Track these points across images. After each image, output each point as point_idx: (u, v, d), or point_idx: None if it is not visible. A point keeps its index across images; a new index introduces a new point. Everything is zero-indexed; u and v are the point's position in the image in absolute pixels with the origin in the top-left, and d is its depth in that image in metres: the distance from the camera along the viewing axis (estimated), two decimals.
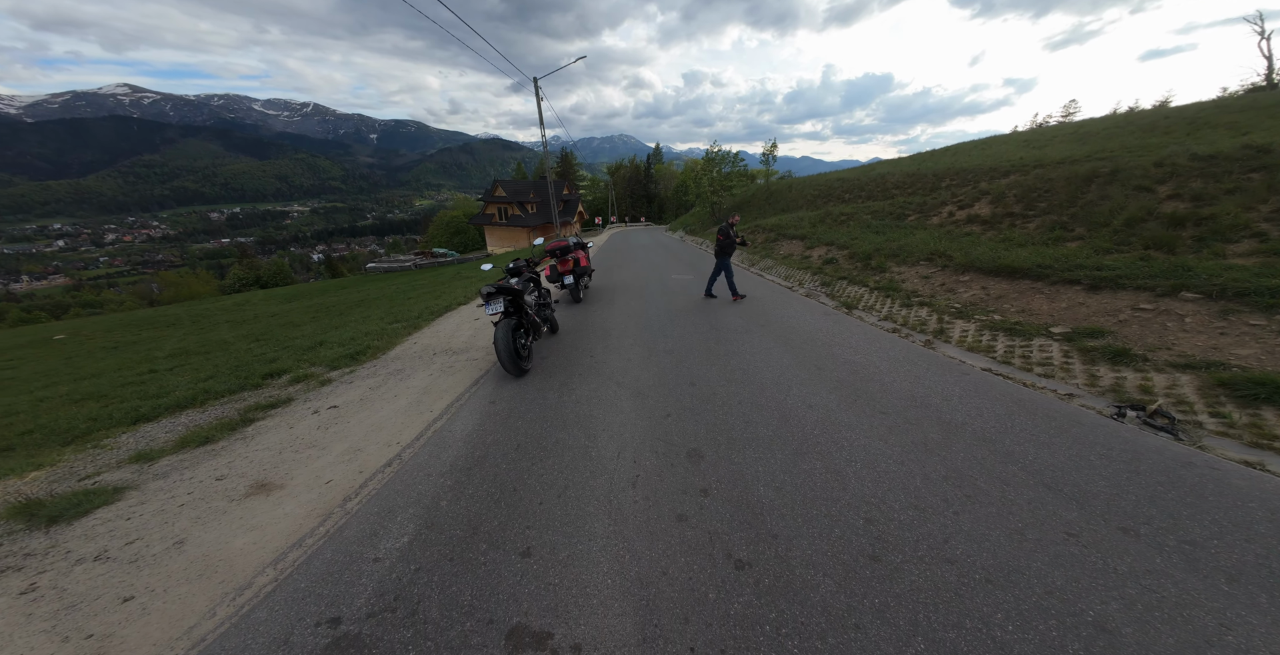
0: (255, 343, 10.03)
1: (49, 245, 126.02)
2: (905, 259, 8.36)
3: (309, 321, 12.60)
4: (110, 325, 18.64)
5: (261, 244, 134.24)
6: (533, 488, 2.82)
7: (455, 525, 2.52)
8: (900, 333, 5.74)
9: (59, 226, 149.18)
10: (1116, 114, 18.27)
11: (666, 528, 2.39)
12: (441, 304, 10.01)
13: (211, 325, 15.20)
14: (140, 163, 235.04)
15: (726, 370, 4.61)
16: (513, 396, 4.27)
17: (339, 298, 19.16)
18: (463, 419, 3.86)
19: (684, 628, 1.84)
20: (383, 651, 1.79)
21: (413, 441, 3.53)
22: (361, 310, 13.02)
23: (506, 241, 39.96)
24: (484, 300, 4.76)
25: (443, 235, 50.56)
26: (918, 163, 17.77)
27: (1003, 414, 3.41)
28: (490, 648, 1.80)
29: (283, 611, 1.99)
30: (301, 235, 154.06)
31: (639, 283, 10.87)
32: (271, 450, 3.60)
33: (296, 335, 9.76)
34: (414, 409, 4.17)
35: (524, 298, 5.11)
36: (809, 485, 2.68)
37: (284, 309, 17.37)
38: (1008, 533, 2.24)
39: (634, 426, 3.52)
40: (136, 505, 2.90)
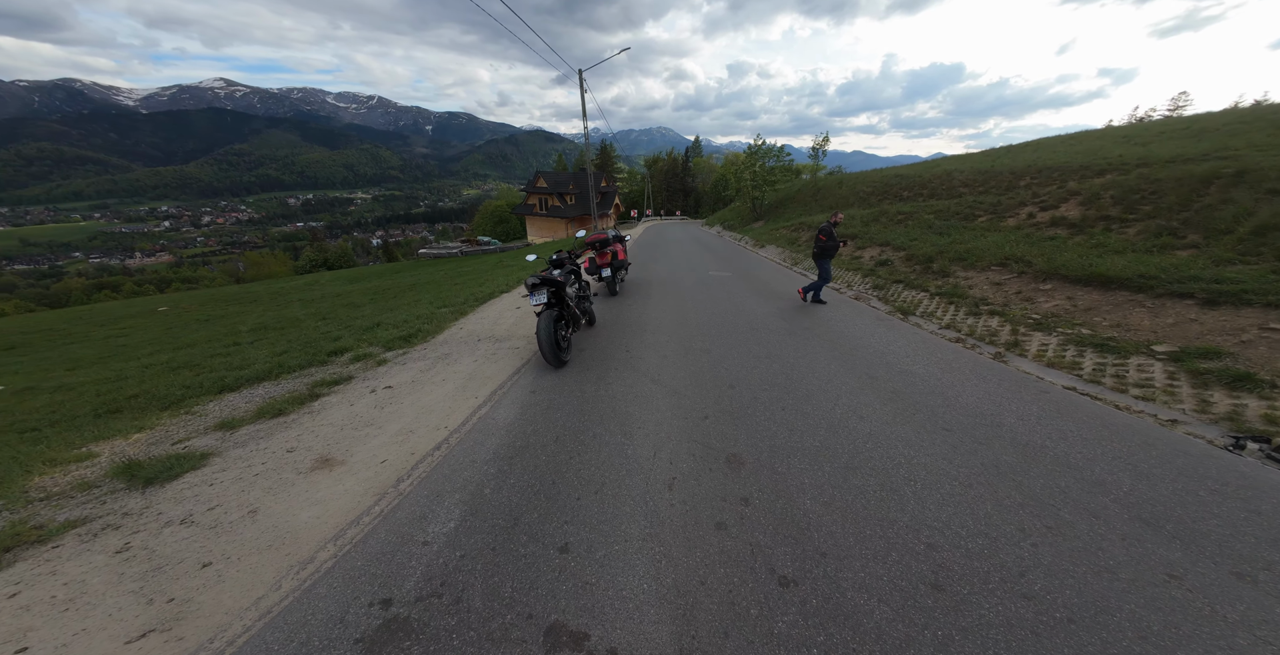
0: (322, 321, 10.59)
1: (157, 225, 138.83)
2: (974, 263, 7.63)
3: (368, 303, 13.19)
4: (204, 299, 20.27)
5: (329, 228, 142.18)
6: (571, 482, 2.77)
7: (498, 514, 2.50)
8: (965, 343, 5.24)
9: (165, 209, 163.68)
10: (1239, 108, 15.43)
11: (705, 536, 2.27)
12: (485, 291, 10.18)
13: (286, 303, 16.21)
14: (231, 151, 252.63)
15: (768, 374, 4.37)
16: (552, 387, 4.24)
17: (393, 281, 19.98)
18: (505, 407, 3.86)
19: (723, 643, 1.73)
20: (429, 637, 1.78)
21: (459, 427, 3.56)
22: (413, 294, 13.49)
23: (545, 232, 40.38)
24: (528, 291, 4.73)
25: (487, 224, 51.67)
26: (991, 159, 16.04)
27: (1091, 438, 3.03)
28: (529, 643, 1.75)
29: (340, 588, 2.03)
30: (363, 221, 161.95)
31: (675, 278, 10.59)
32: (334, 426, 3.73)
33: (357, 315, 10.22)
34: (460, 394, 4.22)
35: (566, 290, 5.04)
36: (861, 502, 2.47)
37: (347, 290, 18.29)
38: (1096, 570, 1.97)
39: (670, 426, 3.40)
40: (219, 472, 3.07)
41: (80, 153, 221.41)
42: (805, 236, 14.49)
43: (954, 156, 21.09)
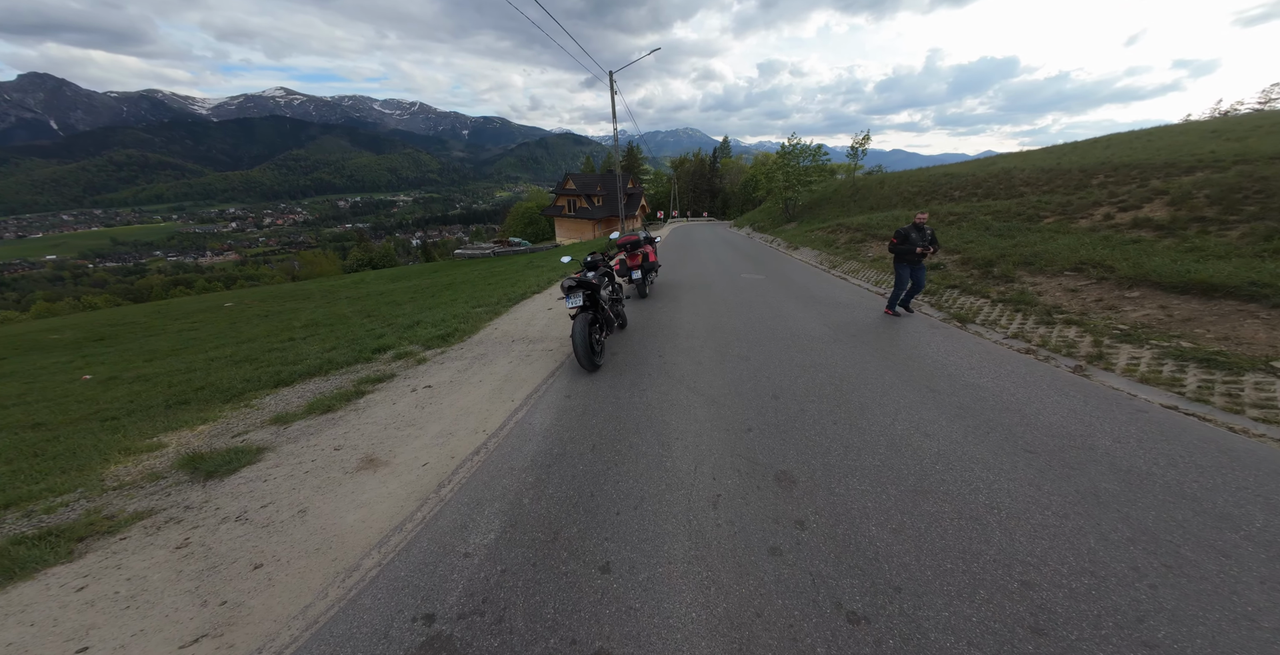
0: (367, 318, 10.92)
1: (226, 226, 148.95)
2: (1043, 267, 6.97)
3: (408, 301, 13.54)
4: (264, 296, 21.42)
5: (374, 229, 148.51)
6: (609, 495, 2.63)
7: (537, 527, 2.39)
8: (1038, 355, 4.76)
9: (233, 210, 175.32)
10: None
11: (757, 561, 2.08)
12: (517, 291, 10.22)
13: (335, 300, 16.89)
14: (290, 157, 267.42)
15: (813, 384, 4.09)
16: (586, 392, 4.12)
17: (432, 280, 20.51)
18: (541, 412, 3.77)
19: None
20: None
21: (497, 431, 3.49)
22: (450, 293, 13.75)
23: (573, 233, 40.67)
24: (564, 293, 4.63)
25: (518, 225, 52.56)
26: (1055, 156, 14.75)
27: (1207, 466, 2.65)
28: None
29: (384, 600, 1.96)
30: (404, 222, 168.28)
31: (705, 280, 10.31)
32: (379, 425, 3.73)
33: (398, 313, 10.47)
34: (497, 396, 4.16)
35: (600, 292, 4.93)
36: (937, 532, 2.21)
37: (389, 288, 18.90)
38: (1233, 617, 1.68)
39: (711, 438, 3.21)
40: (272, 467, 3.10)
41: (162, 158, 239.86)
42: (844, 238, 13.81)
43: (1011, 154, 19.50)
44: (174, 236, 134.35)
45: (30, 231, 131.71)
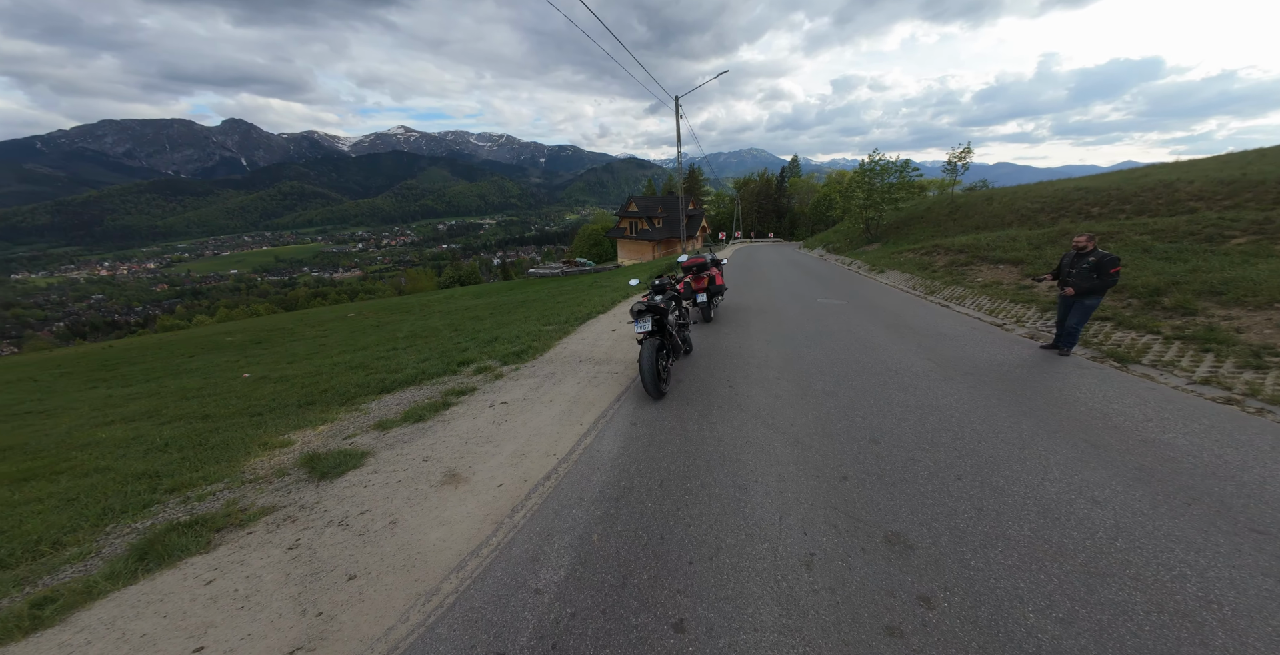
0: (454, 332, 11.82)
1: (354, 246, 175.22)
2: (1240, 298, 5.68)
3: (488, 317, 14.51)
4: (377, 308, 24.38)
5: (464, 250, 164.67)
6: (680, 540, 2.38)
7: (606, 568, 2.21)
8: (1243, 406, 3.79)
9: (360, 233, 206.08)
10: None
11: (872, 642, 1.70)
12: (583, 311, 10.43)
13: (429, 314, 18.66)
14: (404, 186, 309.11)
15: (923, 429, 3.50)
16: (652, 421, 3.93)
17: (509, 297, 21.95)
18: (608, 439, 3.64)
19: None
20: None
21: (566, 455, 3.41)
22: (523, 310, 14.52)
23: (635, 254, 41.56)
24: (633, 317, 4.53)
25: (584, 246, 54.93)
26: (1236, 165, 11.95)
27: None
28: None
29: (459, 632, 1.88)
30: (488, 244, 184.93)
31: (775, 304, 9.72)
32: (461, 438, 3.85)
33: (479, 328, 11.20)
34: (566, 418, 4.12)
35: (668, 317, 4.76)
36: (1127, 627, 1.69)
37: (472, 304, 20.51)
38: None
39: (798, 485, 2.83)
40: (371, 473, 3.29)
41: (314, 189, 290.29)
42: (943, 261, 12.20)
43: (1166, 164, 16.17)
44: (318, 255, 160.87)
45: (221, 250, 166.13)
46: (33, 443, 5.10)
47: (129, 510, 2.83)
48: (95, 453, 4.26)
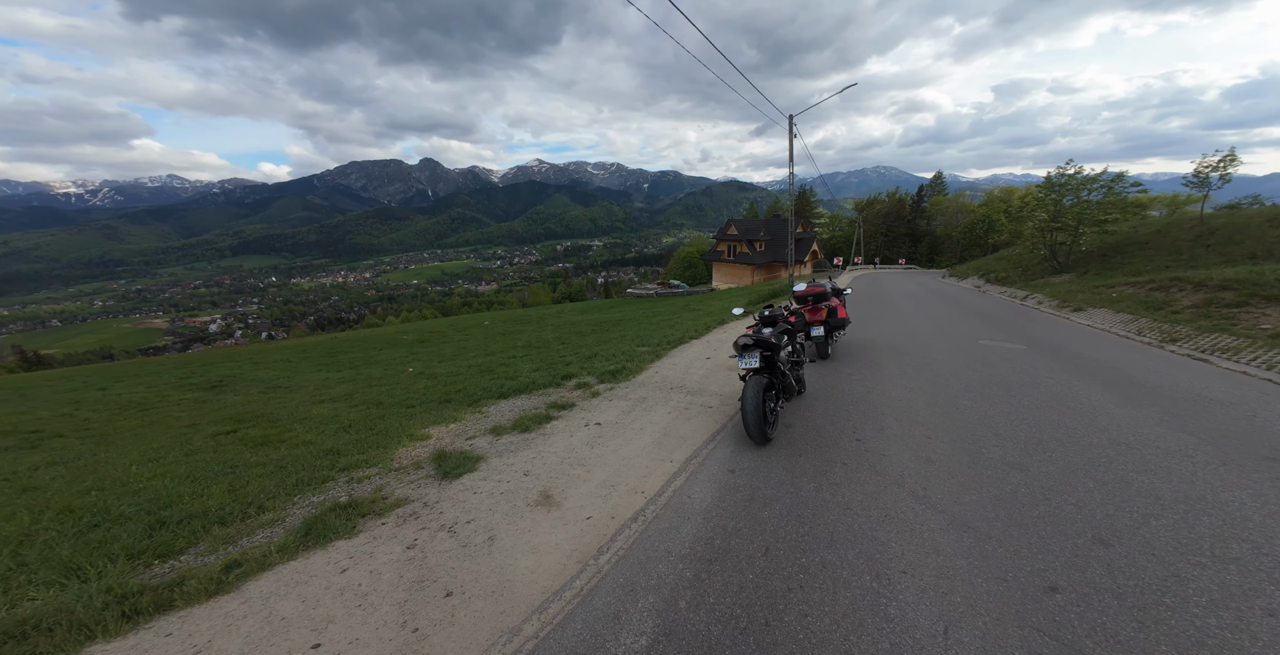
0: (561, 345, 12.67)
1: (494, 263, 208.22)
2: None
3: (590, 332, 15.31)
4: (504, 318, 27.98)
5: (575, 268, 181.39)
6: (793, 633, 1.89)
7: (694, 649, 1.86)
8: None
9: (499, 252, 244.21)
10: None
11: None
12: (675, 335, 10.19)
13: (542, 326, 20.57)
14: (534, 212, 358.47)
15: (1192, 534, 2.39)
16: (754, 470, 3.44)
17: (608, 315, 23.05)
18: (701, 484, 3.27)
19: None
20: None
21: (655, 496, 3.15)
22: (620, 329, 14.96)
23: (731, 277, 40.33)
24: (737, 352, 4.02)
25: (678, 269, 55.38)
26: None
27: None
28: None
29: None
30: (595, 263, 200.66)
31: (916, 343, 8.10)
32: (558, 455, 3.89)
33: (582, 344, 11.81)
34: (656, 451, 3.88)
35: (779, 353, 4.16)
36: None
37: (578, 320, 22.03)
38: None
39: (972, 588, 2.07)
40: (481, 480, 3.49)
41: (471, 214, 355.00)
42: (1190, 300, 8.86)
43: None
44: (469, 269, 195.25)
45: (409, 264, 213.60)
46: (275, 413, 6.78)
47: (312, 484, 3.45)
48: (307, 427, 5.45)
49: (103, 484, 3.76)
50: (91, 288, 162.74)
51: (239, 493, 3.27)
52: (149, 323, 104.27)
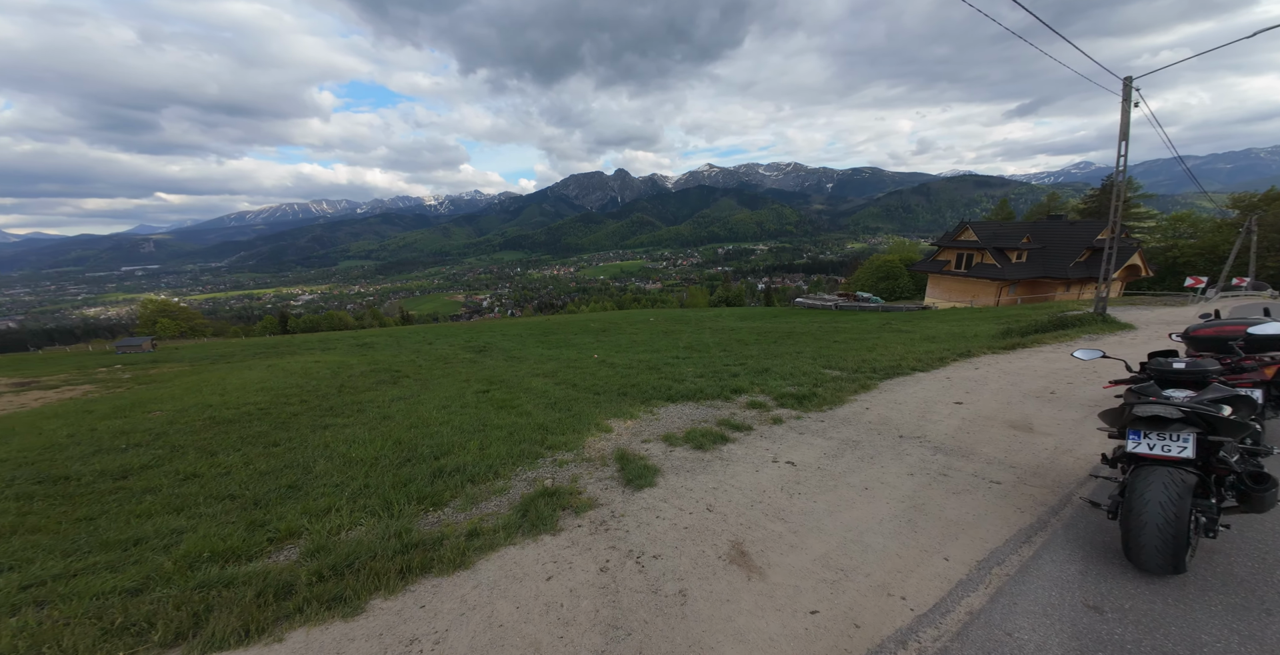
0: (723, 352, 12.01)
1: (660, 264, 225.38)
2: None
3: (754, 342, 14.08)
4: (665, 317, 29.25)
5: (735, 272, 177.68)
6: None
7: None
8: None
9: (666, 253, 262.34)
10: None
11: None
12: (884, 362, 8.04)
13: (701, 329, 20.32)
14: (700, 215, 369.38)
15: None
16: (1149, 618, 1.93)
17: (772, 324, 21.02)
18: (1030, 618, 1.99)
19: None
20: None
21: (930, 613, 2.05)
22: (791, 343, 13.17)
23: (957, 295, 31.14)
24: (1138, 424, 2.31)
25: (868, 278, 46.57)
26: None
27: None
28: None
29: None
30: (756, 268, 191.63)
31: None
32: (744, 495, 3.24)
33: (747, 355, 10.82)
34: (910, 534, 2.72)
35: (1224, 436, 2.26)
36: None
37: (737, 326, 20.87)
38: None
39: None
40: (661, 501, 3.15)
41: (648, 218, 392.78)
42: None
43: None
44: (641, 269, 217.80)
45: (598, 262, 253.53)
46: (510, 379, 8.42)
47: (527, 458, 3.83)
48: (528, 398, 6.44)
49: (419, 422, 5.13)
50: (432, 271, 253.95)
51: (486, 453, 3.89)
52: (455, 297, 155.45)
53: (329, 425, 5.35)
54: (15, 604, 2.17)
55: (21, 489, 3.88)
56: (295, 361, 12.38)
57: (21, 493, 3.79)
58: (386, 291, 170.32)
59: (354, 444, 4.37)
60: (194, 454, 4.59)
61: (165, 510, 3.31)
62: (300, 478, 3.69)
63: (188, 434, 5.25)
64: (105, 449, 4.90)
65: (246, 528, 2.84)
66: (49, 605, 2.11)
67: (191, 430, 5.41)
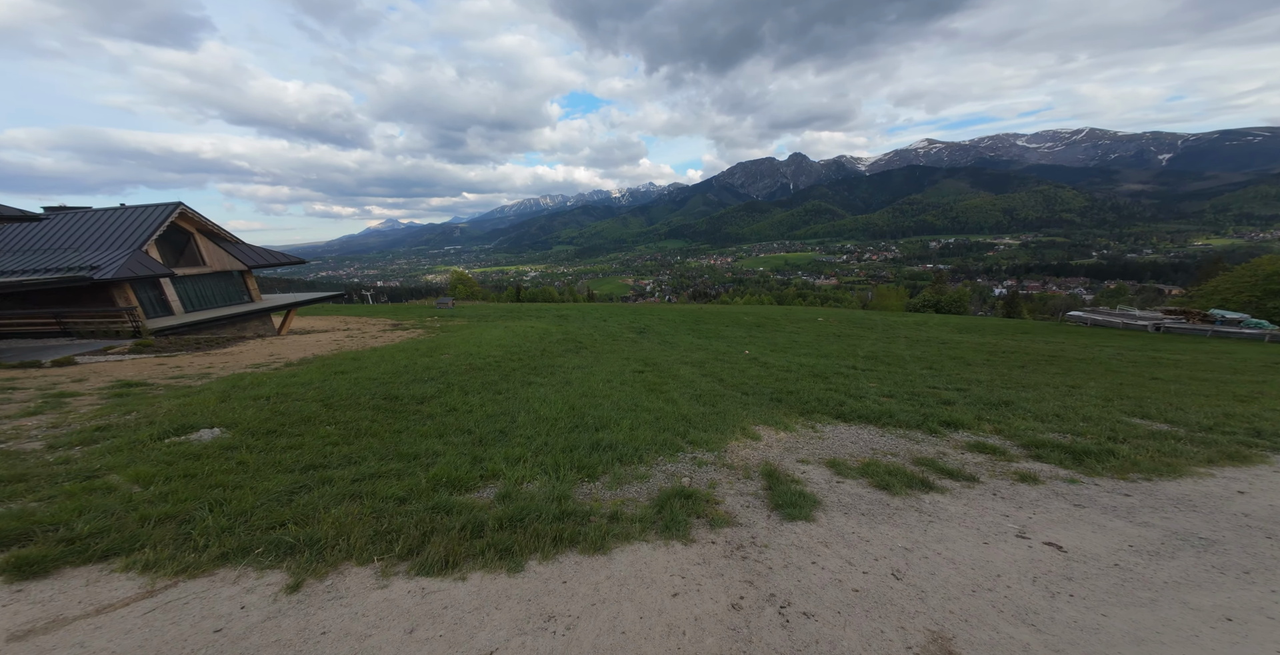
0: (928, 370, 9.39)
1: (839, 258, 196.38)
2: None
3: (982, 364, 10.50)
4: (839, 318, 25.32)
5: (954, 272, 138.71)
6: None
7: None
8: None
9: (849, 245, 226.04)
10: None
11: None
12: (1272, 420, 4.72)
13: (893, 337, 16.60)
14: (905, 201, 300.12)
15: None
16: None
17: (1017, 343, 15.32)
18: None
19: None
20: None
21: None
22: (1058, 372, 9.19)
23: None
24: None
25: (1240, 292, 28.49)
26: None
27: None
28: None
29: None
30: (994, 268, 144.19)
31: None
32: (960, 571, 2.28)
33: (969, 378, 8.10)
34: None
35: None
36: None
37: (954, 339, 16.09)
38: None
39: None
40: (821, 545, 2.52)
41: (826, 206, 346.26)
42: None
43: None
44: (810, 262, 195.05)
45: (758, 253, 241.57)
46: (662, 362, 8.78)
47: (668, 449, 3.77)
48: (675, 385, 6.50)
49: (588, 392, 5.73)
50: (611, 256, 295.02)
51: (634, 435, 3.99)
52: (625, 280, 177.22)
53: (531, 382, 6.43)
54: (344, 494, 2.77)
55: (374, 402, 5.03)
56: (519, 325, 15.89)
57: (373, 405, 4.95)
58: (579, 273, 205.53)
59: (544, 403, 5.07)
60: (457, 391, 5.69)
61: (433, 434, 4.03)
62: (507, 425, 4.36)
63: (456, 375, 6.84)
64: (419, 379, 6.38)
65: (471, 462, 3.32)
66: (357, 500, 2.71)
67: (459, 371, 7.10)
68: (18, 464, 3.37)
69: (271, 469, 3.20)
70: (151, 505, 2.65)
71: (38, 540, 2.34)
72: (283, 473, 3.13)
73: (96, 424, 4.29)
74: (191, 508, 2.62)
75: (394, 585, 2.07)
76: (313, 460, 3.37)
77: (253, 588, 2.04)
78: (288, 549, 2.25)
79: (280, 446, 3.65)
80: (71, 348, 10.32)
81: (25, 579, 2.11)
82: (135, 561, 2.20)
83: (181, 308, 14.94)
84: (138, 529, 2.42)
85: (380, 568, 2.16)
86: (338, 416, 4.50)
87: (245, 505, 2.64)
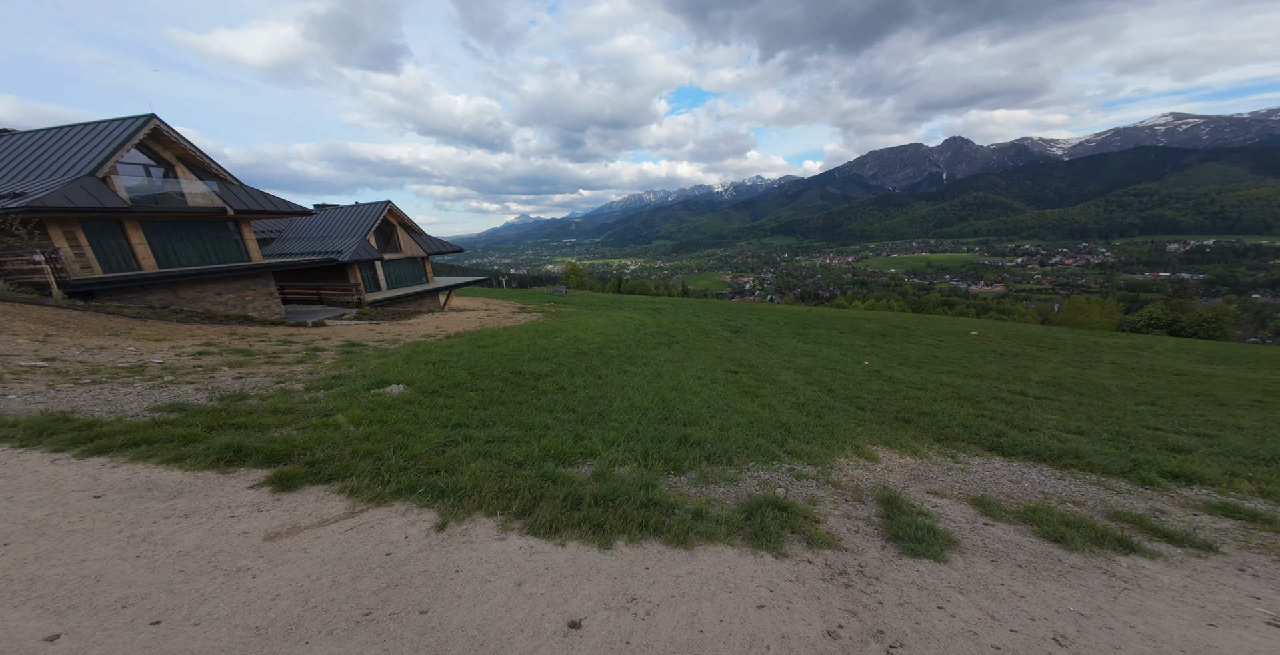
0: (1145, 405, 7.12)
1: (1011, 261, 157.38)
2: None
3: (1247, 405, 7.51)
4: (1006, 333, 20.56)
5: (1208, 284, 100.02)
6: None
7: None
8: None
9: (1026, 247, 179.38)
10: None
11: None
12: None
13: (1094, 362, 12.90)
14: (1130, 192, 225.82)
15: None
16: None
17: None
18: None
19: None
20: None
21: None
22: None
23: None
24: None
25: None
26: None
27: None
28: None
29: None
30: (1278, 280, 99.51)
31: None
32: (1157, 650, 1.75)
33: (1223, 422, 5.93)
34: None
35: None
36: None
37: (1200, 371, 11.75)
38: None
39: None
40: (948, 588, 2.17)
41: (996, 198, 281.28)
42: None
43: None
44: (965, 265, 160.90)
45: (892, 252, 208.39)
46: (760, 365, 8.45)
47: (763, 455, 3.64)
48: (774, 389, 6.22)
49: (678, 386, 5.90)
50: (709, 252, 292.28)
51: (724, 435, 3.99)
52: (723, 277, 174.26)
53: (627, 371, 6.85)
54: (479, 452, 3.21)
55: (503, 375, 5.87)
56: (619, 315, 16.95)
57: (502, 377, 5.77)
58: (676, 268, 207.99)
59: (638, 392, 5.39)
60: (565, 373, 6.26)
61: (545, 409, 4.54)
62: (605, 409, 4.61)
63: (566, 357, 7.62)
64: (537, 358, 7.16)
65: (574, 439, 3.63)
66: (488, 459, 3.14)
67: (569, 354, 7.87)
68: (289, 400, 4.46)
69: (433, 423, 3.92)
70: (360, 442, 3.31)
71: (294, 460, 2.98)
72: (440, 427, 3.82)
73: (333, 373, 5.60)
74: (382, 447, 3.21)
75: (510, 540, 2.35)
76: (460, 419, 4.05)
77: (414, 522, 2.47)
78: (439, 492, 2.70)
79: (440, 405, 4.47)
80: (323, 313, 14.37)
81: (283, 491, 2.67)
82: (346, 487, 2.71)
83: (386, 285, 19.85)
84: (350, 461, 3.00)
85: (501, 522, 2.49)
86: (478, 384, 5.36)
87: (415, 451, 3.24)
